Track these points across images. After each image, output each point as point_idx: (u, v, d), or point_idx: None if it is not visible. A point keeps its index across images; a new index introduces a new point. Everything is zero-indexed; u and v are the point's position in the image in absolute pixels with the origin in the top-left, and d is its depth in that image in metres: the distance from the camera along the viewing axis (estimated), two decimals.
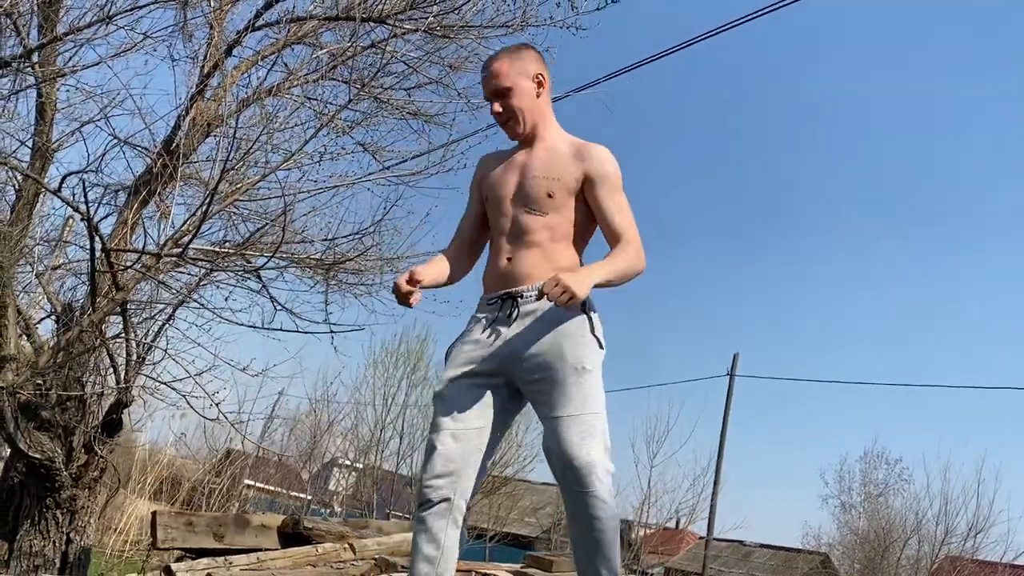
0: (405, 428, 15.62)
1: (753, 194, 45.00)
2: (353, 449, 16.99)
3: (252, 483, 17.98)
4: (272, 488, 20.55)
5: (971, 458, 36.22)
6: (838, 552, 25.37)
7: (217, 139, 5.34)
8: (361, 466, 17.60)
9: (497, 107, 2.63)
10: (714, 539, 21.89)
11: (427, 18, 5.26)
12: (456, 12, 5.32)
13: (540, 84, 2.64)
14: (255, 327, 5.14)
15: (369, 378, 16.32)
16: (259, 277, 5.86)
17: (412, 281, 2.48)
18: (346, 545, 4.73)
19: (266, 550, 4.69)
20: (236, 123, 4.79)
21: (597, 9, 6.17)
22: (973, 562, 20.96)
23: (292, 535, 5.16)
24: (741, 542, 27.95)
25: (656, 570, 22.29)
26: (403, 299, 2.53)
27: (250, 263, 5.08)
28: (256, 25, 5.95)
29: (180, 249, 4.37)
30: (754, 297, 42.99)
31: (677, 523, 24.23)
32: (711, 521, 21.03)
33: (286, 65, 6.84)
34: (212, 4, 6.55)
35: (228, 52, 6.07)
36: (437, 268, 2.63)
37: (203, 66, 6.52)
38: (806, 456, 45.89)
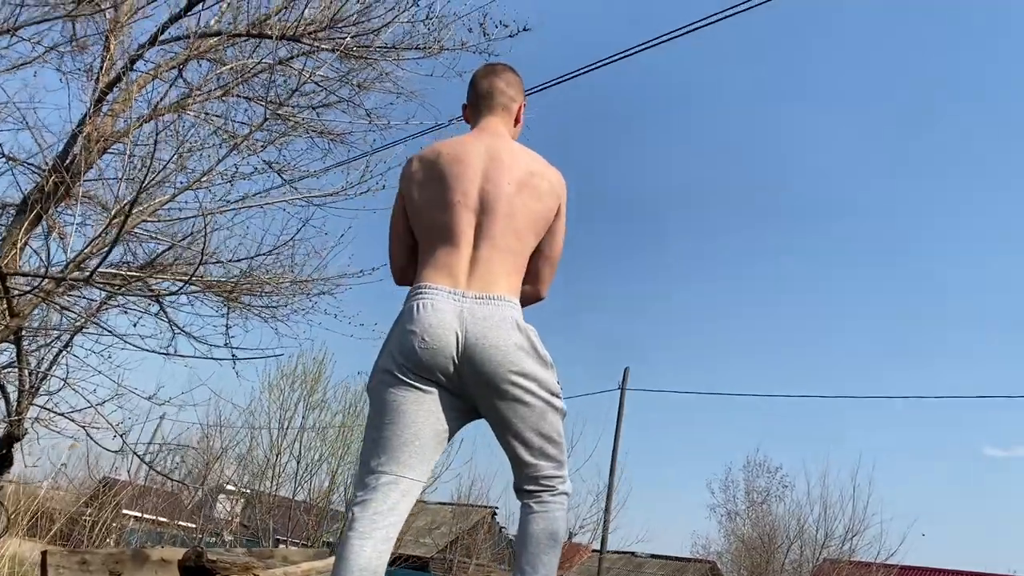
0: (302, 452, 15.16)
1: (629, 213, 46.15)
2: (247, 474, 16.38)
3: (139, 514, 17.10)
4: (154, 518, 19.55)
5: (847, 464, 38.33)
6: (726, 559, 26.25)
7: (124, 157, 5.10)
8: (249, 491, 17.00)
9: None
10: (606, 552, 22.27)
11: (344, 39, 5.18)
12: (375, 34, 5.26)
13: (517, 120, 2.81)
14: (166, 353, 4.89)
15: (264, 401, 15.75)
16: (159, 300, 5.61)
17: None
18: None
19: None
20: (155, 141, 4.56)
21: (510, 36, 6.29)
22: (850, 563, 22.08)
23: (195, 569, 4.93)
24: (633, 553, 28.52)
25: None
26: None
27: (152, 289, 4.84)
28: (160, 39, 5.72)
29: (88, 273, 4.12)
30: (644, 311, 44.08)
31: (569, 536, 24.56)
32: (604, 534, 21.41)
33: (185, 81, 6.62)
34: (108, 15, 6.28)
35: (130, 66, 5.81)
36: None
37: (98, 78, 6.23)
38: (695, 467, 47.32)
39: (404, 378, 2.37)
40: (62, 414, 4.98)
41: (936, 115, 44.99)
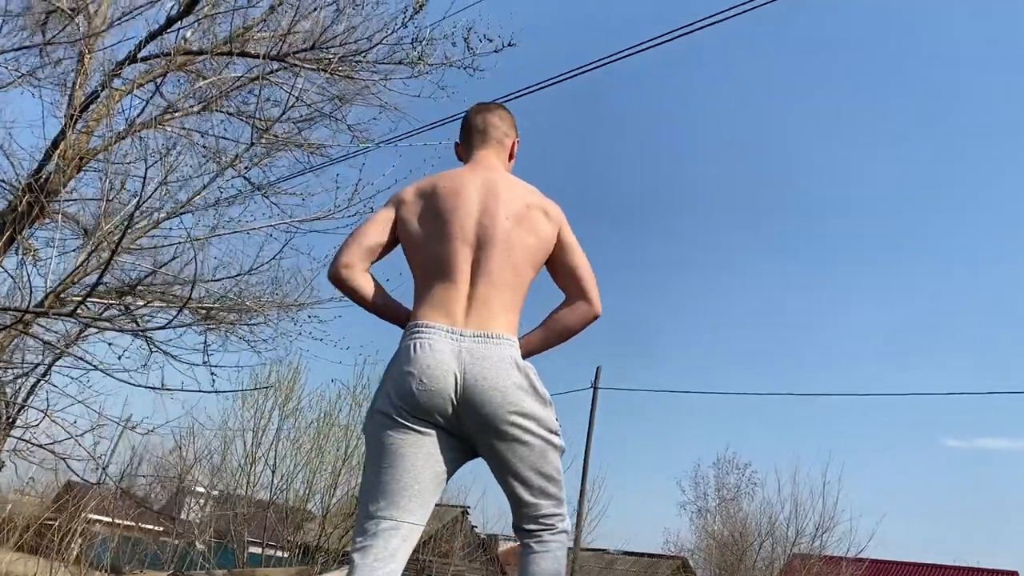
0: (277, 462, 14.94)
1: (608, 203, 46.20)
2: (221, 483, 16.11)
3: (108, 519, 16.75)
4: (122, 522, 19.17)
5: (818, 462, 38.65)
6: (698, 556, 26.47)
7: (102, 176, 4.95)
8: (216, 492, 16.73)
9: None
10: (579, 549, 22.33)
11: (330, 58, 5.07)
12: (362, 55, 5.16)
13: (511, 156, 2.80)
14: (153, 387, 4.75)
15: (238, 409, 15.46)
16: (146, 334, 5.45)
17: None
18: None
19: None
20: (145, 171, 4.41)
21: (495, 51, 6.21)
22: (820, 559, 22.39)
23: None
24: (604, 550, 28.65)
25: None
26: None
27: (137, 322, 4.69)
28: (140, 57, 5.56)
29: (71, 306, 3.98)
30: (638, 312, 44.07)
31: None
32: (578, 532, 21.44)
33: (163, 95, 6.46)
34: (81, 28, 6.10)
35: (108, 82, 5.65)
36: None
37: (71, 95, 6.06)
38: (667, 465, 47.56)
39: (402, 420, 2.33)
40: (41, 446, 4.82)
41: (938, 114, 45.62)
